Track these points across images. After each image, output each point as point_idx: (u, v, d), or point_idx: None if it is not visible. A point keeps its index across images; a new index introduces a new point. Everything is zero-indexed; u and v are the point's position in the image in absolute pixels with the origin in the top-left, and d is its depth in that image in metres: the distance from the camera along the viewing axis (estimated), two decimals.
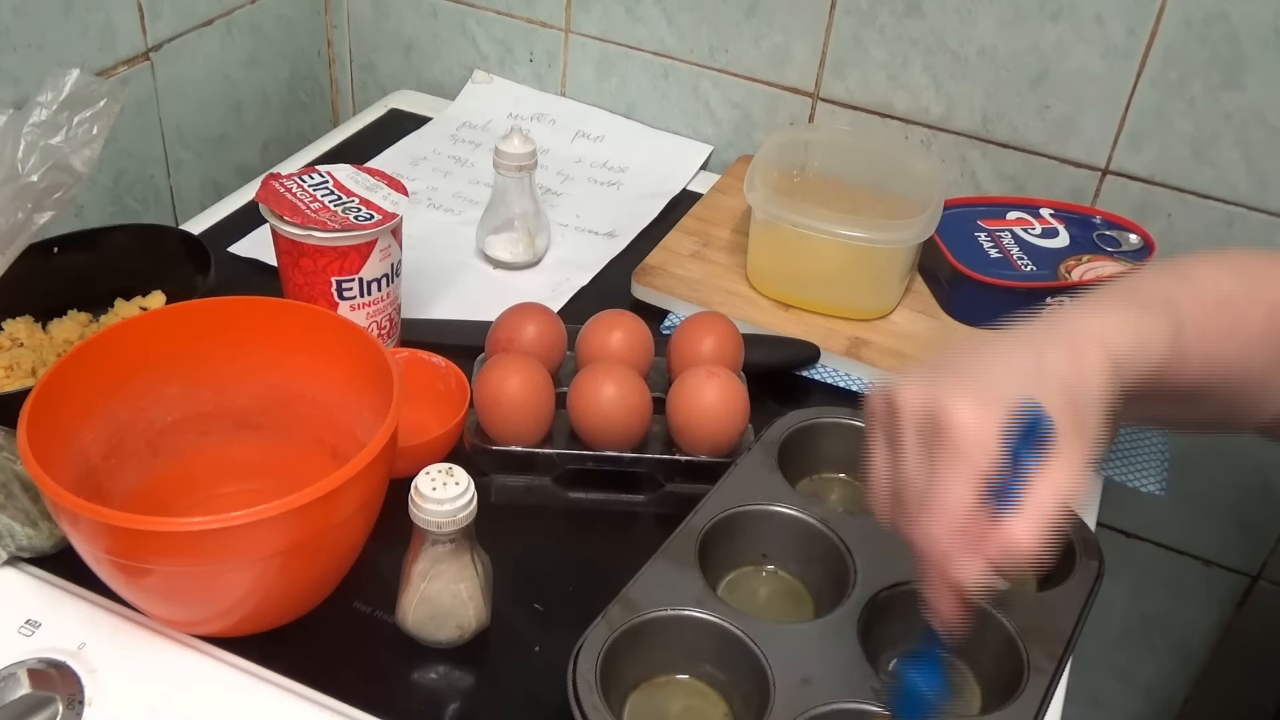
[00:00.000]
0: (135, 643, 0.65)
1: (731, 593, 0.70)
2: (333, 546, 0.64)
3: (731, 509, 0.70)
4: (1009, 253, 0.95)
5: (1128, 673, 1.32)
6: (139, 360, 0.70)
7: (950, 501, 0.52)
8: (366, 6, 1.24)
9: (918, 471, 0.54)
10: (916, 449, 0.54)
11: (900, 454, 0.55)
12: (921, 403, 0.54)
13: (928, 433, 0.53)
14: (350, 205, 0.79)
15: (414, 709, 0.64)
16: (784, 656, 0.62)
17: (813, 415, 0.78)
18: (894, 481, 0.55)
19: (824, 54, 1.08)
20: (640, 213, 1.08)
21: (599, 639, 0.61)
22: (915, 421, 0.54)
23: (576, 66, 1.19)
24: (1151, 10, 0.95)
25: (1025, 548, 0.51)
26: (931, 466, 0.53)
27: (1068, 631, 0.66)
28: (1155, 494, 0.86)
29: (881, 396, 0.56)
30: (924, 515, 0.53)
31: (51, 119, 0.75)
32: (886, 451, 0.56)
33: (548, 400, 0.76)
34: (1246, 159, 0.98)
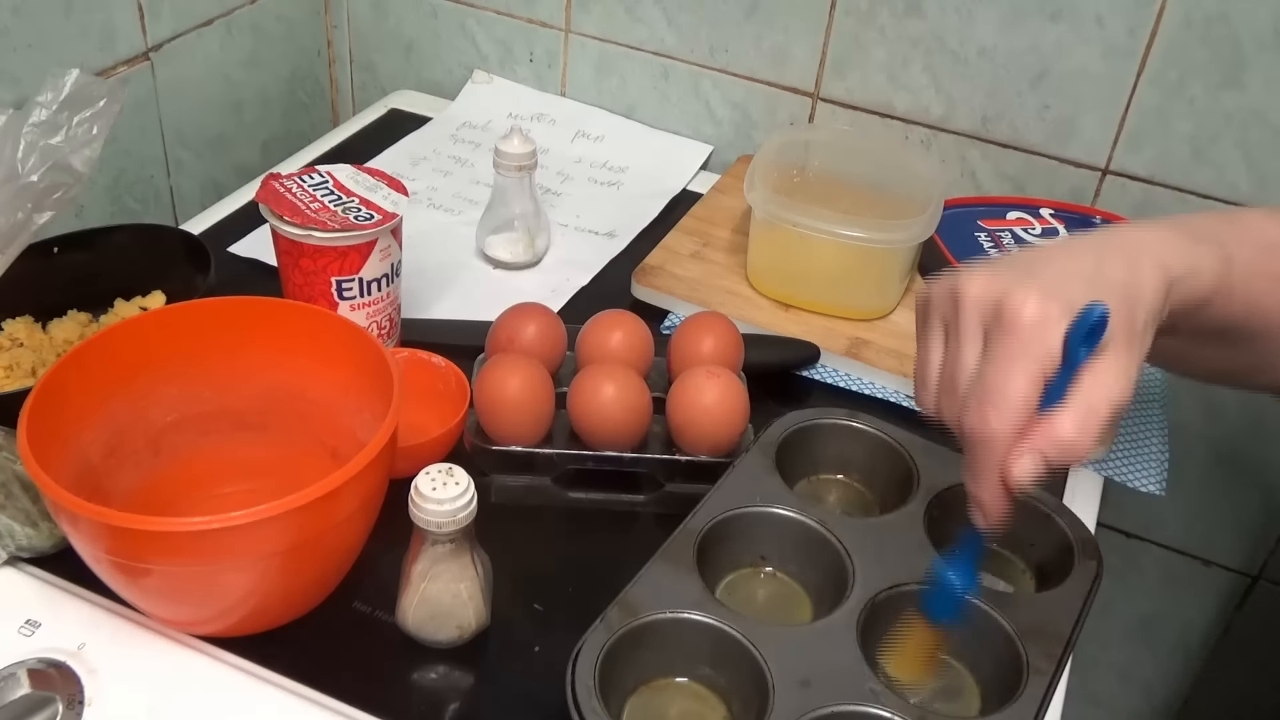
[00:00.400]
0: (135, 643, 0.65)
1: (730, 595, 0.70)
2: (333, 546, 0.64)
3: (730, 511, 0.70)
4: (1009, 253, 0.95)
5: (1128, 673, 1.32)
6: (139, 360, 0.70)
7: (1010, 391, 0.52)
8: (366, 6, 1.24)
9: (976, 360, 0.54)
10: (976, 337, 0.54)
11: (959, 342, 0.55)
12: (987, 292, 0.54)
13: (991, 322, 0.53)
14: (350, 205, 0.79)
15: (414, 709, 0.64)
16: (783, 659, 0.62)
17: (811, 416, 0.78)
18: (948, 370, 0.55)
19: (824, 54, 1.08)
20: (640, 213, 1.08)
21: (598, 642, 0.61)
22: (979, 310, 0.54)
23: (576, 66, 1.19)
24: (1151, 10, 0.95)
25: (1075, 444, 0.52)
26: (992, 356, 0.53)
27: (1067, 632, 0.66)
28: (1155, 494, 0.86)
29: (943, 284, 0.56)
30: (981, 404, 0.53)
31: (51, 119, 0.74)
32: (942, 340, 0.56)
33: (548, 400, 0.76)
34: (1246, 159, 0.98)
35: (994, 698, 0.64)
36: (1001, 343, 0.53)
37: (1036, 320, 0.52)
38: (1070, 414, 0.52)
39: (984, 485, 0.54)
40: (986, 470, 0.54)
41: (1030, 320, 0.52)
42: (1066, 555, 0.71)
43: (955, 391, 0.55)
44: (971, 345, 0.54)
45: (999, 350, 0.53)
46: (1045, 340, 0.52)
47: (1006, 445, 0.53)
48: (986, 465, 0.54)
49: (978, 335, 0.54)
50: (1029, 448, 0.52)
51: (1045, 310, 0.52)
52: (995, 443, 0.53)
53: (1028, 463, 0.52)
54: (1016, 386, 0.52)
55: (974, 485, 0.55)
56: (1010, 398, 0.52)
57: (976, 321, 0.54)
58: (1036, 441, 0.52)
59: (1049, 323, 0.52)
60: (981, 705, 0.65)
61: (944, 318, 0.56)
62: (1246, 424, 1.11)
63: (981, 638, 0.66)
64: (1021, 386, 0.52)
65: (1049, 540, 0.73)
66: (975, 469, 0.55)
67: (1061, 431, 0.52)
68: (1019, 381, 0.52)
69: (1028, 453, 0.52)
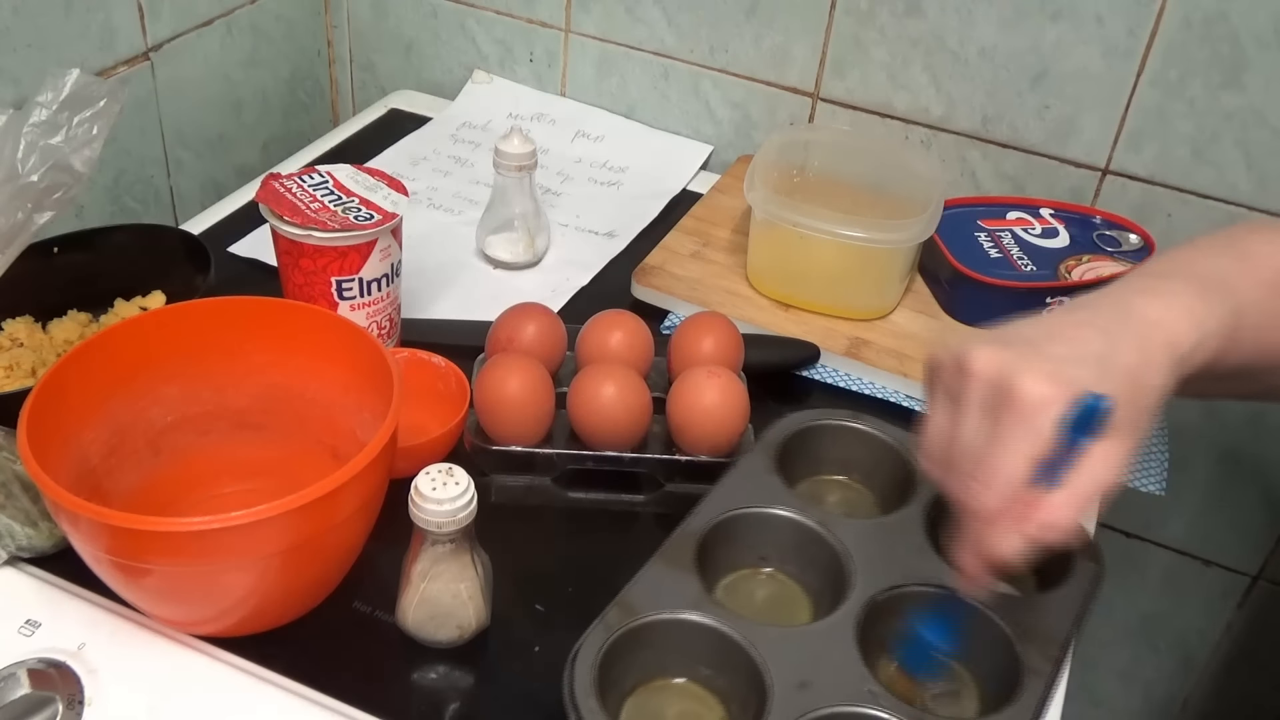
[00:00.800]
0: (135, 643, 0.65)
1: (730, 595, 0.70)
2: (333, 546, 0.64)
3: (730, 511, 0.70)
4: (1009, 253, 0.95)
5: (1128, 673, 1.32)
6: (139, 360, 0.70)
7: (1006, 469, 0.53)
8: (366, 6, 1.24)
9: (977, 435, 0.55)
10: (979, 412, 0.55)
11: (962, 415, 0.55)
12: (992, 368, 0.54)
13: (994, 399, 0.54)
14: (350, 205, 0.79)
15: (414, 709, 0.64)
16: (781, 660, 0.62)
17: (812, 418, 0.78)
18: (950, 440, 0.56)
19: (824, 54, 1.08)
20: (640, 213, 1.08)
21: (596, 642, 0.61)
22: (983, 386, 0.54)
23: (576, 66, 1.19)
24: (1151, 10, 0.95)
25: (1061, 525, 0.53)
26: (993, 432, 0.54)
27: (1065, 633, 0.65)
28: (1155, 494, 0.86)
29: (951, 356, 0.57)
30: (978, 478, 0.54)
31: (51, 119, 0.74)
32: (947, 410, 0.57)
33: (548, 400, 0.76)
34: (1246, 159, 0.98)
35: (993, 699, 0.64)
36: (1003, 421, 0.54)
37: (1038, 404, 0.53)
38: (1060, 498, 0.53)
39: (968, 554, 0.56)
40: (974, 539, 0.56)
41: (1032, 403, 0.53)
42: (1067, 556, 0.71)
43: (955, 463, 0.56)
44: (972, 419, 0.55)
45: (1000, 427, 0.54)
46: (1045, 422, 0.53)
47: (997, 518, 0.54)
48: (974, 535, 0.55)
49: (979, 410, 0.55)
50: (1016, 526, 0.54)
51: (1047, 394, 0.53)
52: (984, 516, 0.54)
53: (1014, 539, 0.54)
54: (1012, 465, 0.53)
55: (961, 554, 0.57)
56: (1004, 474, 0.53)
57: (979, 396, 0.55)
58: (1023, 521, 0.54)
59: (1049, 406, 0.53)
60: (980, 707, 0.65)
61: (949, 389, 0.57)
62: (1246, 424, 1.11)
63: (980, 639, 0.66)
64: (1014, 465, 0.53)
65: None
66: (965, 539, 0.56)
67: (1048, 513, 0.53)
68: (1014, 460, 0.53)
69: (1015, 531, 0.54)
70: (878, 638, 0.65)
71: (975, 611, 0.63)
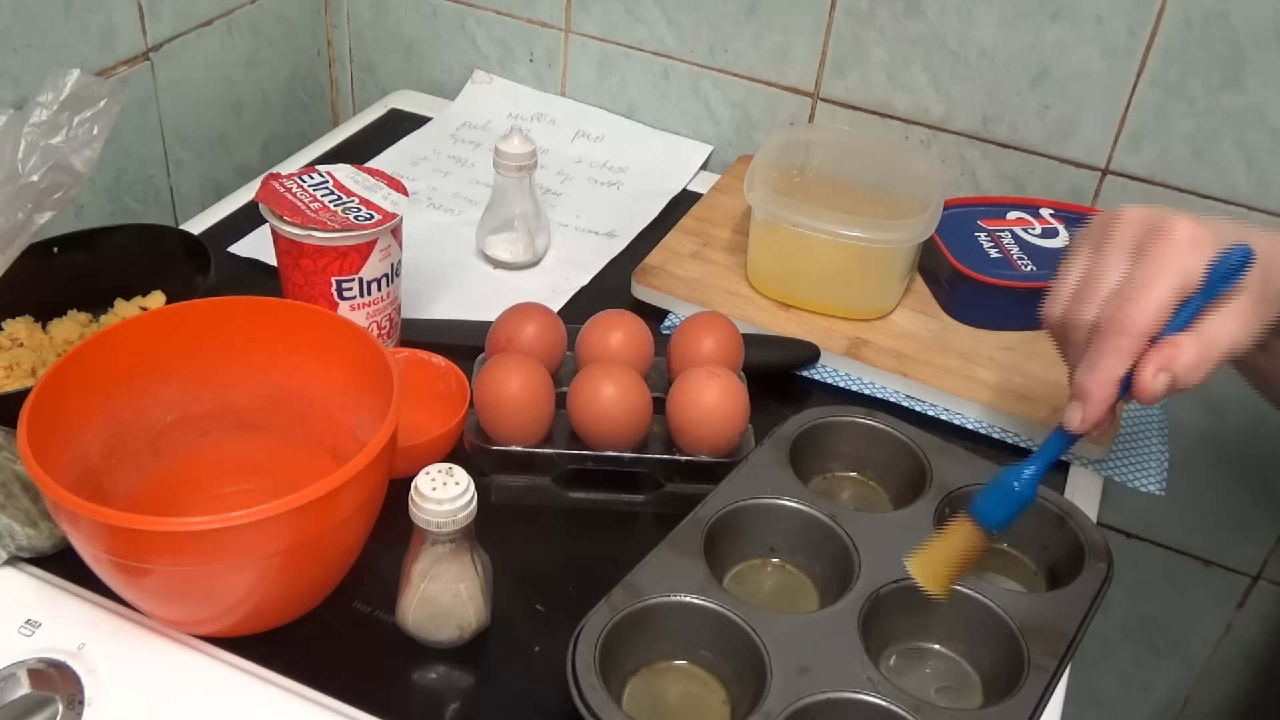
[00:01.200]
0: (135, 643, 0.65)
1: (738, 585, 0.70)
2: (333, 546, 0.64)
3: (740, 502, 0.71)
4: (1009, 253, 0.95)
5: (1128, 673, 1.32)
6: (139, 360, 0.70)
7: (1155, 291, 0.55)
8: (366, 6, 1.24)
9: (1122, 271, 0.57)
10: (1126, 252, 0.57)
11: (1108, 253, 0.58)
12: (1146, 214, 0.58)
13: (1145, 237, 0.57)
14: (350, 205, 0.79)
15: (414, 709, 0.64)
16: (783, 645, 0.62)
17: (826, 414, 0.78)
18: (1090, 277, 0.58)
19: (824, 54, 1.08)
20: (640, 213, 1.08)
21: (600, 622, 0.62)
22: (1134, 228, 0.57)
23: (576, 66, 1.19)
24: (1151, 10, 0.95)
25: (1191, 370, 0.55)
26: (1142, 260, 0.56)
27: (1071, 631, 0.66)
28: (1155, 494, 0.86)
29: (1102, 214, 0.60)
30: (1125, 299, 0.56)
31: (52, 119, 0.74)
32: (1088, 256, 0.59)
33: (548, 400, 0.76)
34: (1246, 159, 0.98)
35: (996, 694, 0.65)
36: (1154, 252, 0.56)
37: (1190, 240, 0.56)
38: (1193, 341, 0.55)
39: (1100, 377, 0.56)
40: (1109, 362, 0.56)
41: (1184, 238, 0.56)
42: (1078, 557, 0.71)
43: (1093, 296, 0.58)
44: (1120, 257, 0.57)
45: (1150, 257, 0.56)
46: (1193, 259, 0.55)
47: (1138, 340, 0.55)
48: (1111, 357, 0.56)
49: (1128, 250, 0.57)
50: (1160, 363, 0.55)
51: (1199, 234, 0.56)
52: (1129, 335, 0.56)
53: (1162, 378, 0.55)
54: (1161, 289, 0.55)
55: (1089, 377, 0.57)
56: (1154, 297, 0.55)
57: (1131, 237, 0.57)
58: (1166, 357, 0.55)
59: (1200, 245, 0.56)
60: (984, 701, 0.65)
61: (1096, 240, 0.59)
62: (1246, 424, 1.11)
63: (986, 633, 0.66)
64: (1165, 291, 0.55)
65: (1061, 542, 0.73)
66: (1096, 361, 0.57)
67: (1184, 354, 0.55)
68: (1165, 286, 0.55)
69: (1161, 370, 0.55)
70: (881, 629, 0.66)
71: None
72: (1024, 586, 0.72)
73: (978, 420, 0.86)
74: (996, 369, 0.90)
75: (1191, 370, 0.55)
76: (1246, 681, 1.27)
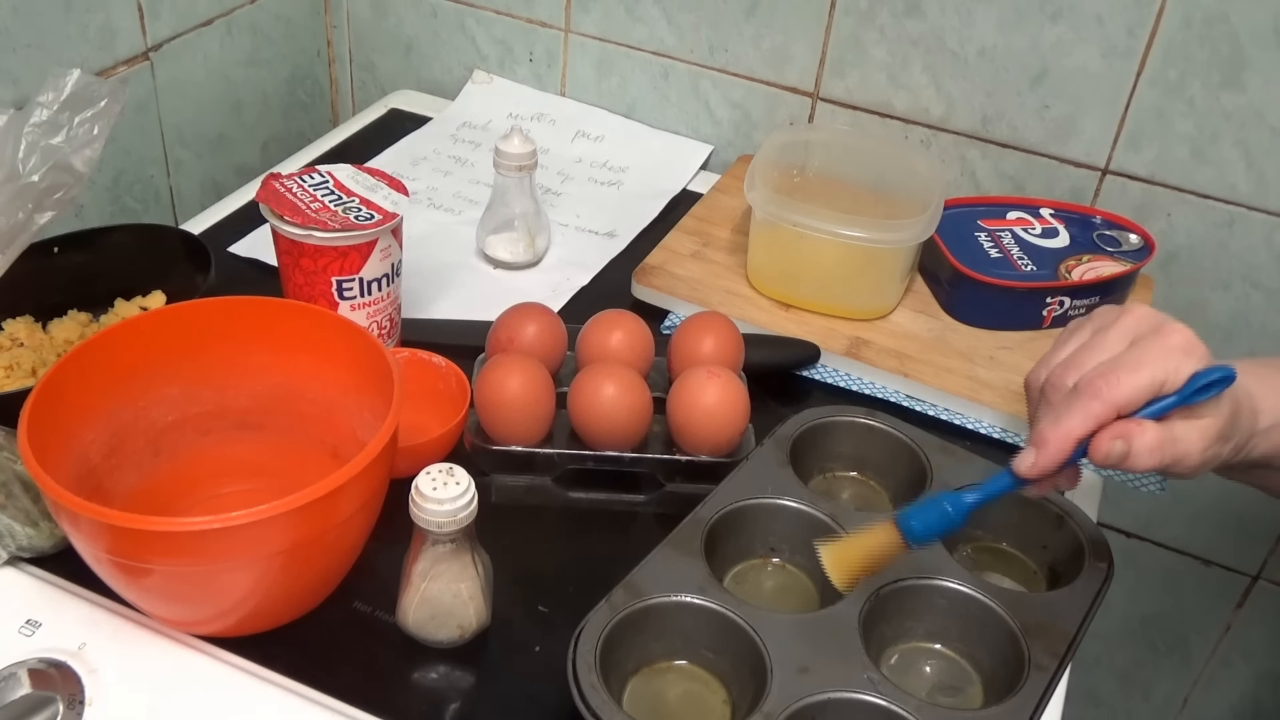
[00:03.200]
0: (135, 643, 0.65)
1: (738, 585, 0.70)
2: (333, 546, 0.64)
3: (741, 502, 0.71)
4: (1009, 253, 0.95)
5: (1128, 673, 1.32)
6: (139, 360, 0.70)
7: (1140, 374, 0.59)
8: (366, 6, 1.24)
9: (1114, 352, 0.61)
10: (1124, 339, 0.61)
11: (1105, 336, 0.62)
12: (1153, 313, 0.63)
13: (1144, 331, 0.61)
14: (350, 205, 0.79)
15: (414, 709, 0.64)
16: (783, 645, 0.62)
17: (826, 414, 0.79)
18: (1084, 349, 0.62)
19: (824, 54, 1.08)
20: (640, 213, 1.08)
21: (600, 622, 0.62)
22: (1139, 323, 0.62)
23: (576, 66, 1.19)
24: (1151, 10, 0.95)
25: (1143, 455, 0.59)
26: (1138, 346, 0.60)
27: (1072, 631, 0.66)
28: (1155, 494, 0.86)
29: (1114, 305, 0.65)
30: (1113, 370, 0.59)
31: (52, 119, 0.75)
32: (1087, 336, 0.63)
33: (548, 400, 0.76)
34: (1246, 159, 0.98)
35: (996, 694, 0.65)
36: (1147, 343, 0.60)
37: (1183, 344, 0.60)
38: (1157, 430, 0.59)
39: (1063, 430, 0.60)
40: (1075, 420, 0.59)
41: (1179, 341, 0.60)
42: (1078, 557, 0.71)
43: (1080, 365, 0.61)
44: (1117, 342, 0.61)
45: (1143, 347, 0.60)
46: (1181, 361, 0.59)
47: (1108, 408, 0.59)
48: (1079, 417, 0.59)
49: (1126, 338, 0.61)
50: (1121, 434, 0.59)
51: (1194, 343, 0.61)
52: (1101, 401, 0.59)
53: (1119, 446, 0.59)
54: (1144, 375, 0.59)
55: (1052, 429, 0.60)
56: (1134, 379, 0.59)
57: (1132, 329, 0.62)
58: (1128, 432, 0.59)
59: (1192, 352, 0.60)
60: (984, 701, 0.65)
61: (1099, 325, 0.63)
62: None
63: (986, 633, 0.66)
64: (1147, 377, 0.59)
65: (1061, 542, 0.73)
66: (1064, 415, 0.60)
67: (1146, 436, 0.59)
68: (1148, 374, 0.59)
69: (1120, 439, 0.59)
70: (881, 629, 0.66)
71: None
72: (1024, 586, 0.72)
73: (977, 420, 0.86)
74: (996, 369, 0.90)
75: (1145, 453, 0.59)
76: (1246, 681, 1.27)
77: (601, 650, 0.60)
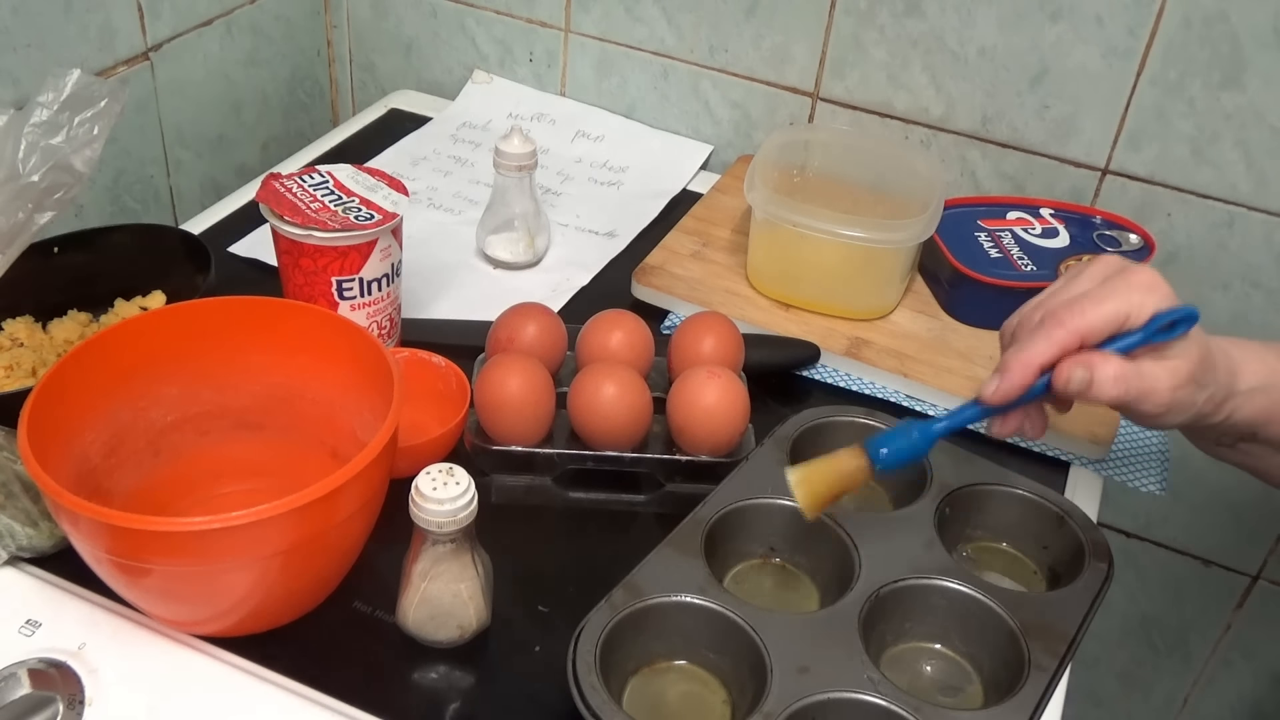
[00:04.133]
0: (135, 643, 0.65)
1: (738, 584, 0.70)
2: (333, 546, 0.64)
3: (740, 502, 0.71)
4: (1009, 253, 0.95)
5: (1128, 673, 1.32)
6: (139, 360, 0.70)
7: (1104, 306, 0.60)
8: (366, 6, 1.24)
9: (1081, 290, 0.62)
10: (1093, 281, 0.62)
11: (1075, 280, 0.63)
12: (1121, 260, 0.63)
13: (1112, 273, 0.62)
14: (350, 205, 0.79)
15: (414, 709, 0.64)
16: (783, 645, 0.62)
17: (826, 414, 0.79)
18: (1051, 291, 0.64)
19: (824, 54, 1.08)
20: (640, 213, 1.08)
21: (600, 622, 0.62)
22: (1107, 265, 0.63)
23: (576, 66, 1.19)
24: (1151, 10, 0.95)
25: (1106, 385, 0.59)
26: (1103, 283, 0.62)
27: (1072, 631, 0.66)
28: (1155, 494, 0.86)
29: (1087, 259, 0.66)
30: (1078, 301, 0.61)
31: (52, 119, 0.75)
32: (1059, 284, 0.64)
33: (548, 400, 0.76)
34: (1246, 159, 0.98)
35: (996, 694, 0.65)
36: (1113, 281, 0.61)
37: (1147, 282, 0.61)
38: (1121, 362, 0.60)
39: (1025, 357, 0.61)
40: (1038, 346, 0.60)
41: (1143, 280, 0.61)
42: (1078, 557, 0.71)
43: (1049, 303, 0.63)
44: (1085, 283, 0.62)
45: (1109, 284, 0.61)
46: (1144, 298, 0.60)
47: (1070, 336, 0.60)
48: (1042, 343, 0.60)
49: (1095, 281, 0.62)
50: (1084, 361, 0.60)
51: (1158, 281, 0.61)
52: (1064, 328, 0.60)
53: (1080, 372, 0.60)
54: (1108, 307, 0.60)
55: (1015, 355, 0.61)
56: (1098, 310, 0.60)
57: (1101, 272, 0.63)
58: (1090, 360, 0.60)
59: (1155, 289, 0.61)
60: (984, 701, 0.65)
61: (1073, 273, 0.64)
62: None
63: (986, 633, 0.66)
64: (1111, 309, 0.60)
65: (1061, 542, 0.73)
66: (1026, 343, 0.61)
67: (1109, 366, 0.60)
68: (1111, 306, 0.60)
69: (1082, 365, 0.60)
70: (881, 629, 0.66)
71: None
72: (1024, 586, 0.72)
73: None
74: None
75: (1108, 382, 0.60)
76: (1246, 681, 1.27)
77: (601, 650, 0.60)
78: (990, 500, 0.75)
